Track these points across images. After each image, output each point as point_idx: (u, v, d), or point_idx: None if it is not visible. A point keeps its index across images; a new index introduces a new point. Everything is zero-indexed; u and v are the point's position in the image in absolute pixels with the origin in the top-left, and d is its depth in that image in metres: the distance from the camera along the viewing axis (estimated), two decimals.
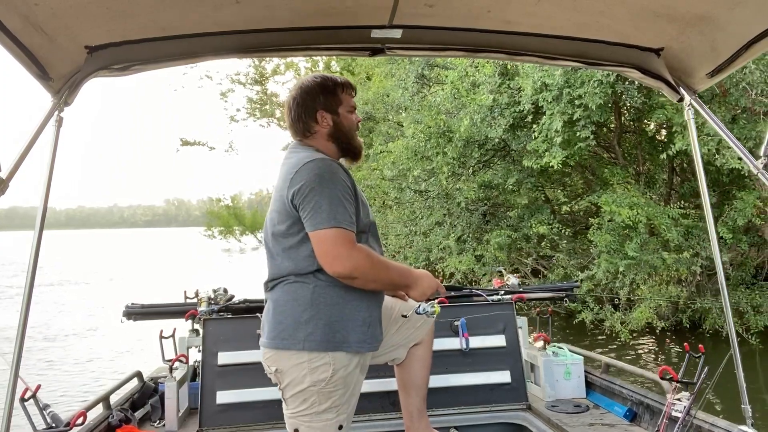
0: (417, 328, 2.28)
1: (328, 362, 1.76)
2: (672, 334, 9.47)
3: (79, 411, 2.43)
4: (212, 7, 1.88)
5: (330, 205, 1.71)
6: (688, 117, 2.37)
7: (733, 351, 2.31)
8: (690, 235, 8.40)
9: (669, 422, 2.32)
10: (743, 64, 2.18)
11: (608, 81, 7.68)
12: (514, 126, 9.46)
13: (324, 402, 1.78)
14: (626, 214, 7.90)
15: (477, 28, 2.15)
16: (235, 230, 47.61)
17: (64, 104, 1.99)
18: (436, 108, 10.56)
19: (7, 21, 1.63)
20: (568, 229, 10.42)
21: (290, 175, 1.79)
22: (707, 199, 2.45)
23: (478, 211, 11.51)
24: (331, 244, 1.71)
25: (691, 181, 9.18)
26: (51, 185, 1.99)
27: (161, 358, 3.10)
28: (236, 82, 24.85)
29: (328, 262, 1.72)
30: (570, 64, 2.40)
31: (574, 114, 7.97)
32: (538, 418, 2.84)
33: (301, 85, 1.99)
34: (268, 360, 1.85)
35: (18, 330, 1.89)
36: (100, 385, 7.95)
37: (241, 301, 3.30)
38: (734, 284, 8.96)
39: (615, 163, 9.77)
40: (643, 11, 1.98)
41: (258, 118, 26.98)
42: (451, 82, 10.06)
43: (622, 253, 8.24)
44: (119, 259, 35.90)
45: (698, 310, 8.98)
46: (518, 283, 3.52)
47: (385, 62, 14.25)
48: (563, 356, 3.16)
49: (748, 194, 7.80)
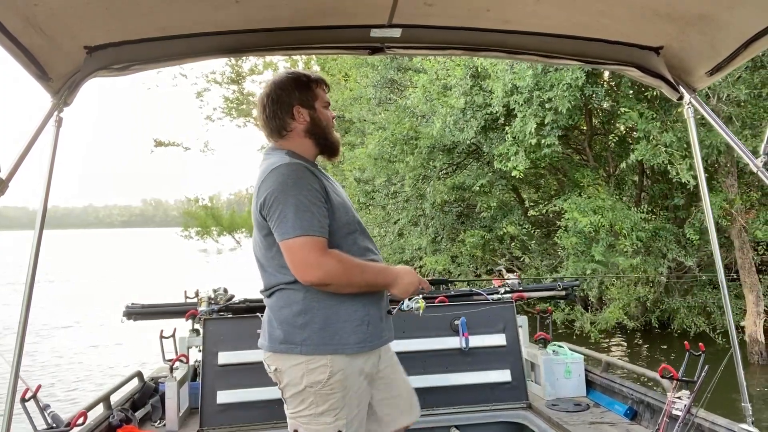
0: (403, 412, 2.05)
1: (325, 364, 1.75)
2: (641, 334, 9.63)
3: (79, 411, 2.44)
4: (211, 7, 1.87)
5: (295, 213, 1.67)
6: (688, 115, 2.37)
7: (733, 350, 2.31)
8: (657, 237, 8.48)
9: (669, 420, 2.33)
10: (743, 62, 2.18)
11: (577, 84, 7.72)
12: (486, 128, 9.54)
13: (321, 404, 1.76)
14: (586, 220, 7.96)
15: (476, 27, 2.15)
16: (212, 230, 47.45)
17: (63, 104, 1.99)
18: (405, 112, 10.63)
19: (7, 21, 1.62)
20: (538, 230, 10.54)
21: (258, 185, 1.77)
22: (707, 199, 2.45)
23: (452, 212, 11.64)
24: (299, 253, 1.67)
25: (660, 183, 9.30)
26: (51, 185, 1.99)
27: (162, 358, 3.10)
28: (212, 81, 24.71)
29: (299, 271, 1.69)
30: (570, 63, 2.40)
31: (545, 117, 8.02)
32: (539, 416, 2.84)
33: (274, 81, 1.93)
34: (267, 359, 1.86)
35: (18, 331, 1.89)
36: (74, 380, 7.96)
37: (242, 300, 3.30)
38: (702, 285, 9.11)
39: (586, 166, 9.86)
40: (642, 10, 1.98)
41: (235, 118, 26.81)
42: (422, 85, 10.13)
43: (588, 255, 8.32)
44: (93, 260, 35.34)
45: (667, 310, 9.14)
46: (518, 282, 3.52)
47: (361, 63, 14.31)
48: (563, 355, 3.16)
49: (714, 196, 7.89)
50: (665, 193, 9.18)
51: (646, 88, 7.79)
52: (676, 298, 9.04)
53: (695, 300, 8.91)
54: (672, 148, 7.44)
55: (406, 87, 11.93)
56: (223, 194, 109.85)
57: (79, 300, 17.09)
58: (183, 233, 47.42)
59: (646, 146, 7.56)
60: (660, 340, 9.35)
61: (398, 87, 12.68)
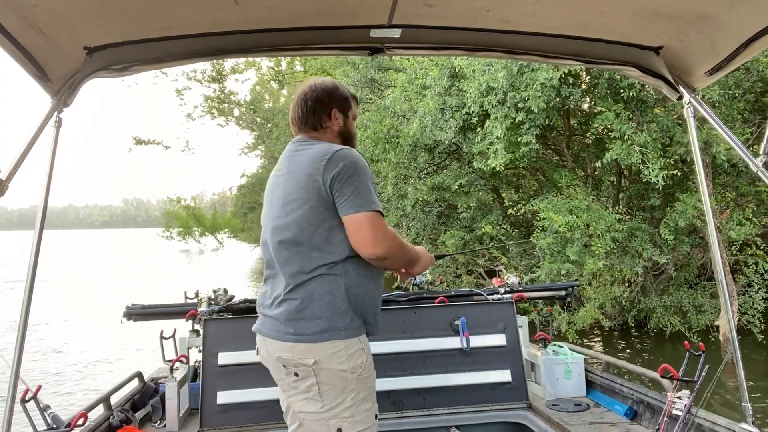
0: None
1: (360, 347, 1.79)
2: (618, 333, 9.70)
3: (79, 412, 2.44)
4: (212, 8, 1.87)
5: (370, 190, 1.80)
6: (688, 115, 2.37)
7: (734, 350, 2.31)
8: (633, 237, 8.53)
9: (670, 420, 2.33)
10: (742, 62, 2.18)
11: (552, 84, 7.75)
12: (464, 128, 9.58)
13: (362, 390, 1.78)
14: (561, 221, 8.02)
15: (476, 27, 2.15)
16: (194, 231, 47.05)
17: (63, 105, 1.99)
18: (386, 112, 10.66)
19: (6, 22, 1.62)
20: (517, 230, 10.62)
21: (321, 162, 1.79)
22: (707, 200, 2.45)
23: (433, 212, 11.69)
24: (371, 227, 1.76)
25: (637, 183, 9.39)
26: (51, 185, 1.99)
27: (162, 358, 3.10)
28: (193, 79, 24.53)
29: (367, 243, 1.76)
30: (570, 63, 2.40)
31: (517, 118, 8.04)
32: (539, 416, 2.84)
33: (318, 82, 2.03)
34: (299, 354, 1.76)
35: (18, 332, 1.89)
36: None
37: (242, 301, 3.30)
38: (677, 284, 9.20)
39: (564, 166, 9.91)
40: (642, 10, 1.98)
41: (216, 117, 26.65)
42: (401, 85, 10.14)
43: (564, 255, 8.36)
44: (74, 261, 35.00)
45: (643, 309, 9.23)
46: (518, 282, 3.52)
47: (342, 62, 14.35)
48: (564, 355, 3.16)
49: (689, 197, 7.96)
50: (641, 194, 9.28)
51: (623, 90, 7.85)
52: (652, 297, 9.14)
53: (671, 300, 9.01)
54: (647, 148, 7.53)
55: (386, 87, 11.94)
56: (207, 194, 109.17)
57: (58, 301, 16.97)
58: (164, 234, 46.68)
59: (620, 146, 7.66)
60: (637, 340, 9.46)
61: (379, 86, 12.68)
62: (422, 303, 3.22)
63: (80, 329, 12.40)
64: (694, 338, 8.43)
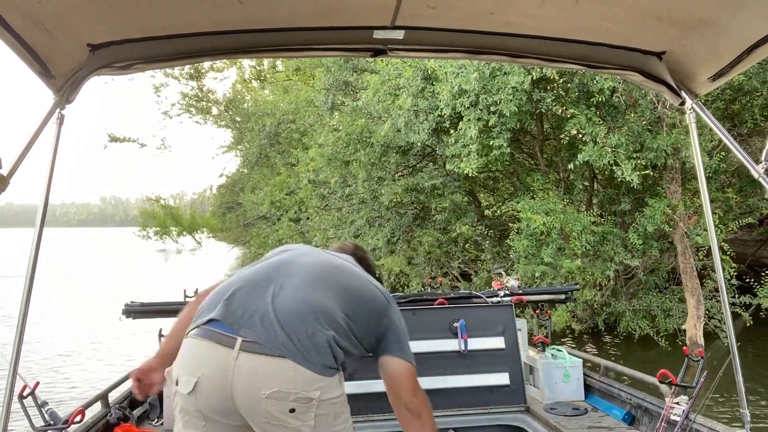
0: None
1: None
2: (588, 336, 9.78)
3: (77, 409, 2.43)
4: (214, 7, 1.88)
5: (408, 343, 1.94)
6: (690, 121, 2.36)
7: (733, 356, 2.30)
8: (605, 241, 8.58)
9: (668, 426, 2.32)
10: (745, 68, 2.18)
11: (523, 88, 7.76)
12: (437, 130, 9.60)
13: (347, 410, 1.72)
14: (540, 221, 8.06)
15: (479, 29, 2.15)
16: (171, 231, 46.54)
17: (65, 102, 1.99)
18: (360, 113, 10.67)
19: (10, 18, 1.63)
20: (492, 231, 10.65)
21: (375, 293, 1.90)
22: (708, 203, 2.44)
23: (408, 214, 11.71)
24: (414, 379, 1.91)
25: (609, 188, 9.47)
26: (52, 183, 1.99)
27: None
28: (170, 76, 23.95)
29: (414, 390, 1.88)
30: (571, 67, 2.40)
31: (490, 120, 8.04)
32: (537, 420, 2.83)
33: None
34: (312, 386, 1.57)
35: (17, 328, 1.89)
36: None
37: None
38: (647, 288, 9.29)
39: (537, 170, 9.95)
40: (645, 15, 1.98)
41: (193, 115, 26.08)
42: (373, 85, 10.16)
43: (538, 258, 8.40)
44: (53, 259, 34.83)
45: (613, 313, 9.31)
46: (518, 285, 3.52)
47: (316, 64, 14.40)
48: (562, 359, 3.16)
49: (658, 202, 7.99)
50: (613, 199, 9.34)
51: (594, 94, 7.89)
52: (622, 301, 9.21)
53: (640, 303, 9.08)
54: (620, 149, 7.57)
55: (361, 89, 11.92)
56: (188, 193, 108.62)
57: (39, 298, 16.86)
58: (140, 233, 45.97)
59: (592, 148, 7.71)
60: (608, 343, 9.54)
61: (353, 89, 12.64)
62: (421, 305, 3.22)
63: (73, 327, 12.33)
64: (661, 342, 8.56)
